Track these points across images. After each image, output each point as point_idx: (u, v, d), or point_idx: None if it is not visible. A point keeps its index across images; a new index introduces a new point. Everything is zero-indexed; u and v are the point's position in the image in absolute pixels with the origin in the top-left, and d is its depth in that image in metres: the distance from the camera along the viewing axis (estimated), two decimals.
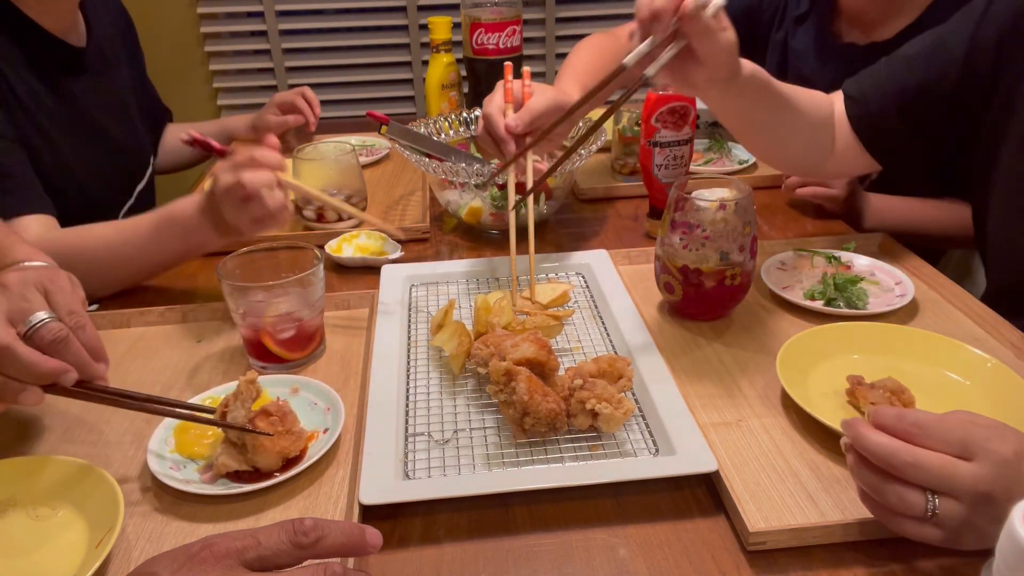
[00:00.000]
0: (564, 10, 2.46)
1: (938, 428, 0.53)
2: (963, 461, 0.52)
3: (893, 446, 0.53)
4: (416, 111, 2.48)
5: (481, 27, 1.50)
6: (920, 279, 0.98)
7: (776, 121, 0.91)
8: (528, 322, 0.85)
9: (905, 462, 0.53)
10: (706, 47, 0.73)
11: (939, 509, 0.52)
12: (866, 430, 0.55)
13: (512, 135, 0.96)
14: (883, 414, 0.56)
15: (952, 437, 0.53)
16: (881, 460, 0.54)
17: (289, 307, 0.82)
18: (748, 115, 0.90)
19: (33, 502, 0.66)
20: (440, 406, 0.78)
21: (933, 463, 0.52)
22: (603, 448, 0.71)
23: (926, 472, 0.52)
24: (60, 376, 0.65)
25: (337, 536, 0.48)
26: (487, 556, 0.62)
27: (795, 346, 0.80)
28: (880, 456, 0.54)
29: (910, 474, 0.53)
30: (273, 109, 1.53)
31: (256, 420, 0.67)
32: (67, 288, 0.69)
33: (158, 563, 0.46)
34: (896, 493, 0.54)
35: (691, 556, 0.61)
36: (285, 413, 0.69)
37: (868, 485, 0.56)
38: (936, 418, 0.54)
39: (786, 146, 0.97)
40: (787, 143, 0.97)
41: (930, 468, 0.52)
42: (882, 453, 0.54)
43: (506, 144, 0.96)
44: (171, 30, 2.33)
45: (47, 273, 0.70)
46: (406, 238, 1.14)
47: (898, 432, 0.54)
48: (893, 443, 0.54)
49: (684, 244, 0.86)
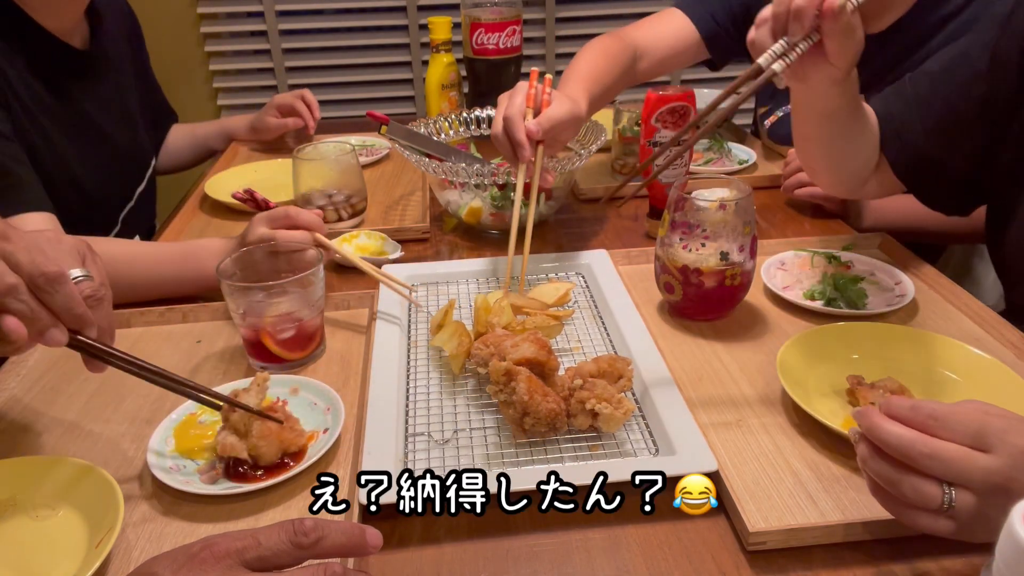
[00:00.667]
0: (564, 10, 2.46)
1: (954, 419, 0.52)
2: (980, 453, 0.51)
3: (910, 436, 0.52)
4: (416, 111, 2.48)
5: (481, 27, 1.50)
6: (920, 279, 0.98)
7: (853, 129, 0.90)
8: (528, 322, 0.85)
9: (922, 453, 0.52)
10: (839, 45, 0.71)
11: (955, 501, 0.52)
12: (881, 420, 0.54)
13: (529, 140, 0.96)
14: (896, 404, 0.55)
15: (968, 429, 0.52)
16: (896, 451, 0.53)
17: (289, 307, 0.82)
18: (833, 119, 0.88)
19: (33, 502, 0.65)
20: (440, 406, 0.78)
21: (951, 454, 0.51)
22: (603, 448, 0.71)
23: (944, 463, 0.52)
24: (88, 327, 0.65)
25: (337, 536, 0.48)
26: (487, 556, 0.62)
27: (795, 346, 0.80)
28: (896, 447, 0.53)
29: (927, 465, 0.52)
30: (273, 111, 1.53)
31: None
32: (99, 263, 0.70)
33: (158, 563, 0.46)
34: (912, 485, 0.52)
35: (691, 556, 0.61)
36: (287, 415, 0.70)
37: (882, 477, 0.54)
38: (951, 409, 0.53)
39: (850, 158, 0.96)
40: (852, 155, 0.95)
41: (948, 460, 0.51)
42: (898, 444, 0.53)
43: (523, 149, 0.96)
44: (171, 30, 2.33)
45: (83, 241, 0.70)
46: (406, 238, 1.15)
47: (913, 423, 0.53)
48: (910, 433, 0.53)
49: (684, 244, 0.86)
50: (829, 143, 0.92)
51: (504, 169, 1.04)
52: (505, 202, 1.13)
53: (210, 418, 0.74)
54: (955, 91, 0.92)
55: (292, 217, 0.93)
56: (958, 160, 0.95)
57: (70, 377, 0.84)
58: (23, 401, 0.81)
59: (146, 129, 1.44)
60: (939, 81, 0.93)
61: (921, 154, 0.95)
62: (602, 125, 1.19)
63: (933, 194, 0.99)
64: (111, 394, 0.81)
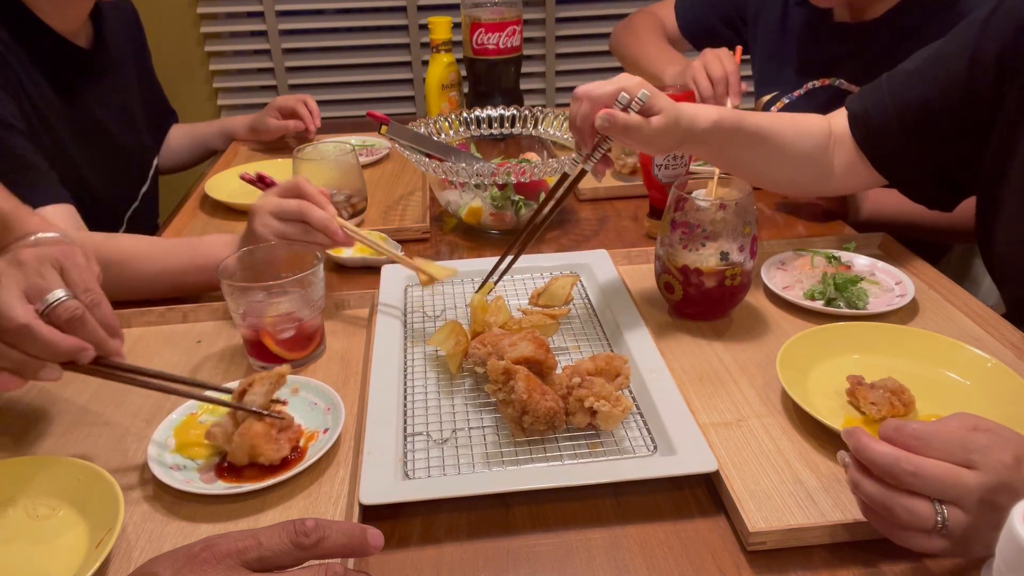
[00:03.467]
0: (564, 10, 2.46)
1: (937, 439, 0.53)
2: (966, 470, 0.52)
3: (894, 455, 0.53)
4: (416, 111, 2.48)
5: (481, 27, 1.50)
6: (920, 279, 0.98)
7: (754, 156, 0.93)
8: (524, 321, 0.85)
9: (906, 471, 0.52)
10: (633, 141, 0.81)
11: (948, 520, 0.52)
12: (868, 439, 0.55)
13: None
14: (882, 425, 0.55)
15: (952, 448, 0.52)
16: (882, 469, 0.53)
17: (289, 307, 0.82)
18: (723, 156, 0.92)
19: (33, 502, 0.66)
20: (438, 405, 0.78)
21: (936, 472, 0.52)
22: (602, 446, 0.71)
23: (929, 481, 0.52)
24: (78, 354, 0.65)
25: (339, 537, 0.48)
26: (487, 556, 0.62)
27: (795, 346, 0.80)
28: (882, 465, 0.53)
29: (912, 484, 0.52)
30: (274, 112, 1.54)
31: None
32: (82, 264, 0.70)
33: (159, 563, 0.46)
34: (905, 506, 0.53)
35: (691, 556, 0.61)
36: (282, 427, 0.70)
37: (872, 498, 0.55)
38: (935, 428, 0.54)
39: (772, 176, 0.99)
40: (772, 174, 0.98)
41: (933, 477, 0.52)
42: (883, 462, 0.53)
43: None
44: (171, 30, 2.33)
45: (62, 249, 0.70)
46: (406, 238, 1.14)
47: (897, 443, 0.54)
48: (896, 452, 0.53)
49: (684, 244, 0.86)
50: (739, 171, 0.95)
51: (504, 169, 1.04)
52: (505, 202, 1.13)
53: (210, 417, 0.75)
54: (932, 89, 0.93)
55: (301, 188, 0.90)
56: (937, 156, 0.96)
57: (70, 377, 0.84)
58: (23, 401, 0.81)
59: (148, 129, 1.44)
60: (916, 79, 0.95)
61: (898, 151, 0.96)
62: None
63: (914, 188, 1.01)
64: (111, 394, 0.81)
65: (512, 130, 1.30)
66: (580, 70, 2.56)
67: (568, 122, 0.85)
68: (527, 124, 1.29)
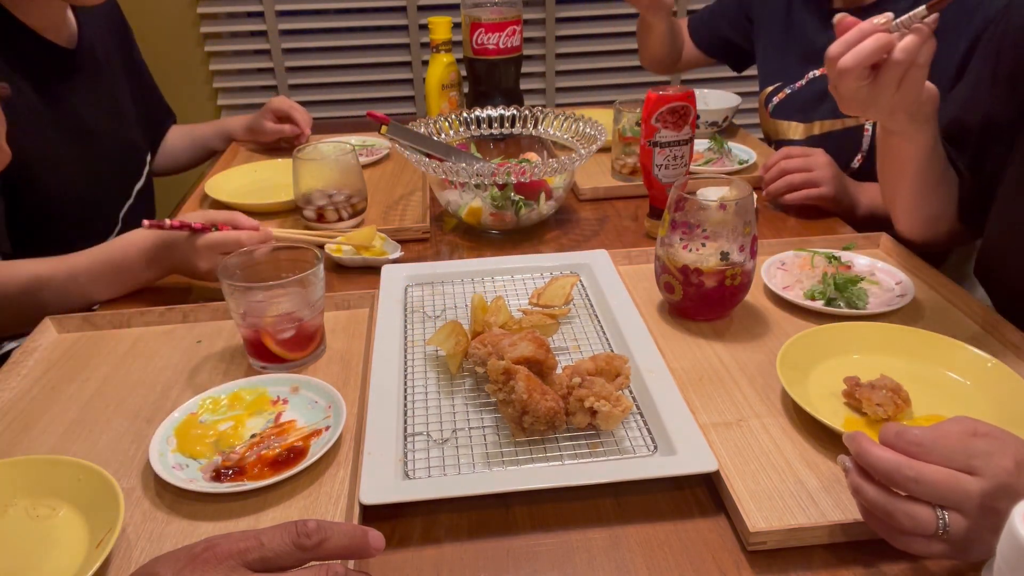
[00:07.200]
0: (564, 10, 2.46)
1: (938, 445, 0.53)
2: (967, 475, 0.52)
3: (895, 460, 0.53)
4: (416, 111, 2.48)
5: (481, 27, 1.50)
6: (920, 279, 0.98)
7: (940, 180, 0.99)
8: (524, 321, 0.85)
9: (907, 477, 0.52)
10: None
11: (949, 525, 0.52)
12: (870, 445, 0.55)
13: None
14: (883, 430, 0.55)
15: (953, 453, 0.53)
16: (883, 474, 0.53)
17: (289, 307, 0.82)
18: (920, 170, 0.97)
19: (33, 502, 0.66)
20: (438, 405, 0.78)
21: (937, 478, 0.52)
22: (602, 446, 0.71)
23: (930, 487, 0.52)
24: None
25: (340, 538, 0.48)
26: (487, 556, 0.62)
27: (795, 346, 0.80)
28: (882, 471, 0.53)
29: (913, 489, 0.52)
30: (269, 115, 1.54)
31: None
32: None
33: (161, 563, 0.46)
34: (906, 512, 0.53)
35: (691, 556, 0.61)
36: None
37: (873, 503, 0.55)
38: (936, 434, 0.54)
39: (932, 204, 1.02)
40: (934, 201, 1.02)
41: (934, 483, 0.52)
42: (884, 468, 0.53)
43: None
44: (171, 30, 2.33)
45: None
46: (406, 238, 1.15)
47: (898, 450, 0.54)
48: (897, 458, 0.53)
49: (684, 244, 0.86)
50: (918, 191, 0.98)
51: (504, 169, 1.04)
52: (504, 202, 1.13)
53: (210, 417, 0.75)
54: (959, 107, 0.98)
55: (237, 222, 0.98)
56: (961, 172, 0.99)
57: (70, 377, 0.84)
58: (23, 401, 0.81)
59: (141, 126, 1.43)
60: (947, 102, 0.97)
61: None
62: (602, 125, 1.19)
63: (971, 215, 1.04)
64: (111, 394, 0.81)
65: (512, 130, 1.30)
66: (580, 70, 2.56)
67: None
68: (527, 124, 1.29)
